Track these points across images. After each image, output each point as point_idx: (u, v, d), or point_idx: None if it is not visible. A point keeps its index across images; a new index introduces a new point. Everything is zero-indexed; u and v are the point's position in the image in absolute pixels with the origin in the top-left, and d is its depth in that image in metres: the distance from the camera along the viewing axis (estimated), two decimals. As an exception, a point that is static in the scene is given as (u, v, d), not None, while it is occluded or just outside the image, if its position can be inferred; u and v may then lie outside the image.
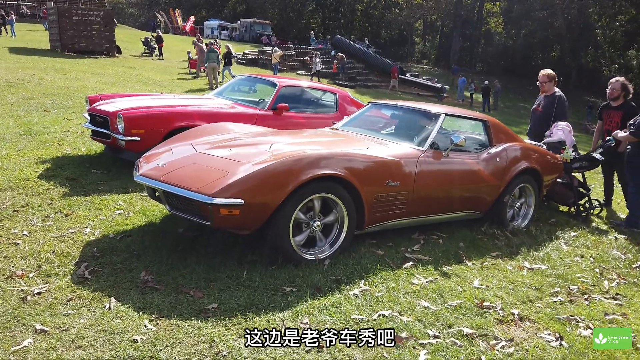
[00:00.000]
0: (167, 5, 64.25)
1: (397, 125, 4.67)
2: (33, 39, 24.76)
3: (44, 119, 8.20)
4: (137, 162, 3.90)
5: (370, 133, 4.50)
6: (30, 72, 13.94)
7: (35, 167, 5.38)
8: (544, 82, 5.80)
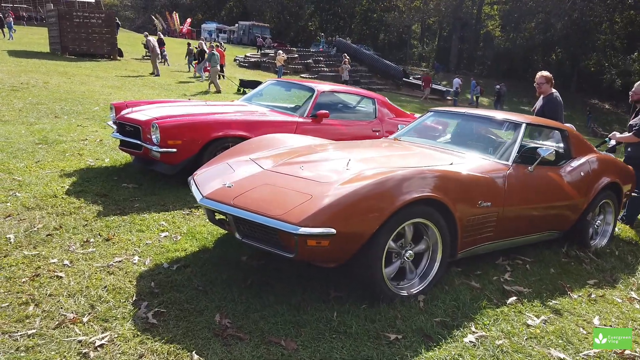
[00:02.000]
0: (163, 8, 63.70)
1: (468, 136, 4.23)
2: (31, 41, 24.17)
3: (56, 126, 7.70)
4: (191, 180, 3.44)
5: (440, 145, 4.06)
6: (33, 75, 13.40)
7: (61, 182, 4.89)
8: (541, 84, 5.67)
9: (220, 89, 15.79)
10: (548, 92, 5.66)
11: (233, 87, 17.23)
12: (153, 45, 18.41)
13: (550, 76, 5.72)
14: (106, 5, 60.46)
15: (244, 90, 15.97)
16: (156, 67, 17.80)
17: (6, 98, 9.83)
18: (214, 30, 51.11)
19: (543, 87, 5.67)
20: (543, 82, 5.66)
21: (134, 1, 78.72)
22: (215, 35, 48.71)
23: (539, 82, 5.70)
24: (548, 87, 5.66)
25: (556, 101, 5.58)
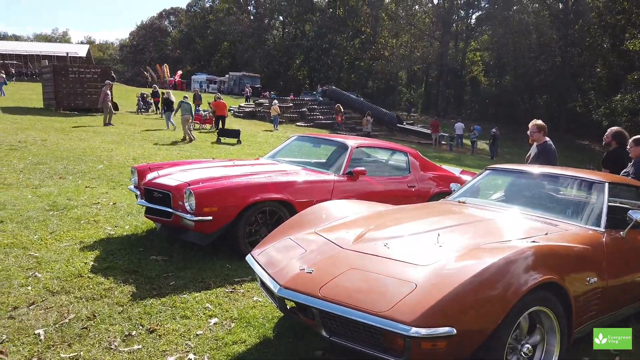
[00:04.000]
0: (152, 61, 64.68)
1: (540, 198, 3.89)
2: (24, 97, 23.92)
3: (64, 189, 7.23)
4: (252, 260, 3.01)
5: (515, 208, 3.69)
6: (30, 133, 13.00)
7: (83, 257, 4.40)
8: (534, 132, 5.71)
9: (193, 138, 15.27)
10: (541, 140, 5.69)
11: (213, 136, 17.01)
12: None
13: (543, 125, 5.75)
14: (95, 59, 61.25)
15: (219, 139, 15.80)
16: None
17: (5, 158, 9.37)
18: (205, 81, 51.72)
19: (535, 136, 5.68)
20: (536, 131, 5.69)
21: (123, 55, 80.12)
22: (206, 86, 49.25)
23: (532, 131, 5.73)
24: (541, 135, 5.69)
25: (550, 149, 5.60)
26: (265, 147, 15.52)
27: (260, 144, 16.96)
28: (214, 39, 66.81)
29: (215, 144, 15.44)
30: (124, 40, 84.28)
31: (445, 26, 46.22)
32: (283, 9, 61.43)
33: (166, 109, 18.25)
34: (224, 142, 15.80)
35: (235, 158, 8.61)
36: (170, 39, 75.81)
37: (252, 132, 20.78)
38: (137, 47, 75.68)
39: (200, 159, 7.84)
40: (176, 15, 77.37)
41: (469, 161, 22.13)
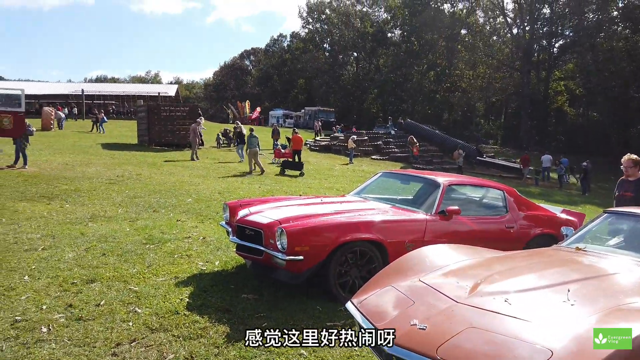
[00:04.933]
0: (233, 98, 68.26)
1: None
2: (120, 134, 26.01)
3: (157, 222, 7.57)
4: (353, 308, 2.84)
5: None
6: (127, 168, 13.97)
7: (178, 293, 4.47)
8: (629, 167, 5.45)
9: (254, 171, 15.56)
10: (636, 175, 5.40)
11: (276, 168, 17.25)
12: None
13: (638, 159, 5.44)
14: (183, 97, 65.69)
15: (284, 171, 16.19)
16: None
17: (106, 192, 10.07)
18: (281, 116, 53.52)
19: (630, 171, 5.44)
20: (631, 166, 5.44)
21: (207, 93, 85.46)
22: (282, 121, 50.83)
23: (626, 166, 5.46)
24: (636, 170, 5.40)
25: None
26: (342, 181, 15.53)
27: (337, 177, 16.99)
28: (291, 76, 69.47)
29: (279, 175, 15.76)
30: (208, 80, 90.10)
31: (526, 56, 44.54)
32: (357, 45, 62.71)
33: (239, 141, 19.17)
34: (288, 174, 16.11)
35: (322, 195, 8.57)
36: (250, 77, 79.95)
37: (328, 166, 20.96)
38: (220, 85, 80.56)
39: (289, 196, 7.90)
40: (256, 55, 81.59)
41: (558, 197, 20.68)
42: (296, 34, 73.26)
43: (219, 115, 56.16)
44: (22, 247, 5.76)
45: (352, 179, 16.09)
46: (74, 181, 10.89)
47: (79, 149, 18.32)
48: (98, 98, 46.18)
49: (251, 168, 15.60)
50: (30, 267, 5.02)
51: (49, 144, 18.79)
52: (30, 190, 9.62)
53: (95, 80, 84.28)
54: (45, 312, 3.89)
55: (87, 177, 11.59)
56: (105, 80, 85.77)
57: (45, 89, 46.80)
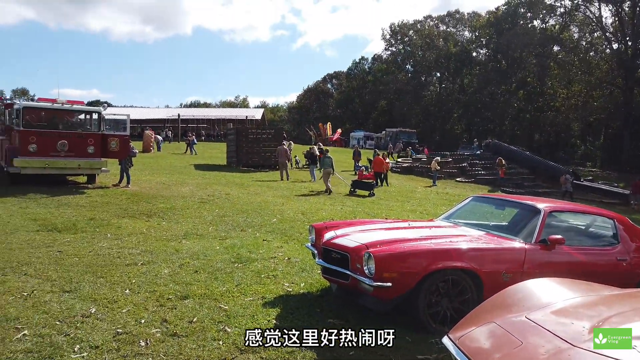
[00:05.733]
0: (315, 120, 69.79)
1: None
2: (211, 155, 27.51)
3: (245, 241, 7.78)
4: (451, 345, 2.64)
5: None
6: (216, 187, 14.65)
7: (265, 313, 4.50)
8: None
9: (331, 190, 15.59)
10: None
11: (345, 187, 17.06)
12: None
13: None
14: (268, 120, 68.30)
15: (354, 190, 16.16)
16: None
17: (197, 210, 10.60)
18: (362, 137, 53.67)
19: None
20: None
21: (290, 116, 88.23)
22: (363, 142, 50.90)
23: None
24: None
25: None
26: (425, 204, 15.07)
27: (420, 200, 16.51)
28: (372, 98, 69.77)
29: (348, 195, 15.64)
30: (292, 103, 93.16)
31: (629, 72, 40.97)
32: (440, 65, 61.68)
33: (310, 162, 19.67)
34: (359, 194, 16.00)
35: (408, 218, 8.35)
36: (331, 99, 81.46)
37: (410, 188, 20.49)
38: (303, 108, 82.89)
39: (374, 219, 7.79)
40: (337, 78, 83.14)
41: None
42: (378, 56, 73.81)
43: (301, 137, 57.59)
44: (124, 261, 6.17)
45: (436, 202, 15.58)
46: (170, 200, 11.60)
47: (174, 169, 19.60)
48: (191, 122, 49.47)
49: (328, 187, 15.76)
50: (131, 281, 5.34)
51: (149, 164, 20.31)
52: (132, 207, 10.39)
53: (189, 106, 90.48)
54: (144, 326, 4.08)
55: (181, 196, 12.30)
56: (198, 105, 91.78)
57: (146, 114, 51.01)
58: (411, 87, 63.11)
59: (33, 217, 8.80)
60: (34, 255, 6.24)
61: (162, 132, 39.13)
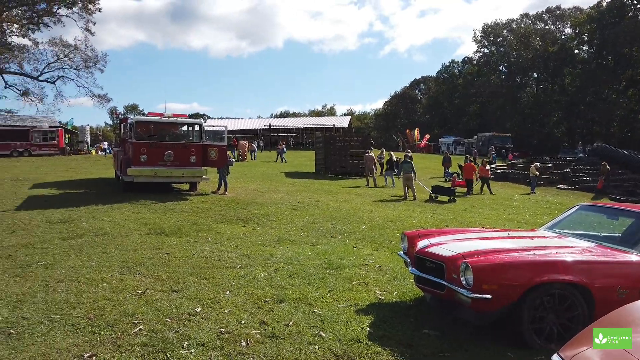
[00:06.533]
0: (402, 126, 68.93)
1: None
2: (300, 163, 28.26)
3: (335, 247, 7.88)
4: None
5: None
6: (306, 194, 15.01)
7: (359, 320, 4.52)
8: None
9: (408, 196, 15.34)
10: None
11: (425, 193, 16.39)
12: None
13: None
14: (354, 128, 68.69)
15: (436, 196, 15.67)
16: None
17: (289, 217, 10.94)
18: (452, 143, 52.02)
19: None
20: None
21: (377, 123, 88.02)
22: (453, 148, 49.29)
23: None
24: None
25: None
26: (523, 212, 14.18)
27: (517, 208, 15.57)
28: (462, 102, 67.42)
29: (426, 202, 15.14)
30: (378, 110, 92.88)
31: None
32: (537, 65, 57.95)
33: (388, 167, 19.73)
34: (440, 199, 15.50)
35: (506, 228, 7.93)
36: (419, 105, 80.00)
37: (506, 195, 19.41)
38: (390, 114, 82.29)
39: (470, 228, 7.51)
40: (426, 83, 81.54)
41: None
42: (469, 58, 71.22)
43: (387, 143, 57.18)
44: (224, 264, 6.54)
45: (535, 211, 14.60)
46: (264, 206, 12.09)
47: (266, 177, 20.42)
48: (282, 131, 51.24)
49: (406, 194, 15.52)
50: (231, 283, 5.64)
51: (243, 172, 21.35)
52: (229, 213, 10.99)
53: (279, 116, 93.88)
54: (244, 326, 4.29)
55: (273, 203, 12.78)
56: (288, 115, 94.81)
57: (240, 125, 53.80)
58: (505, 89, 59.99)
59: (144, 221, 9.65)
60: (145, 257, 6.83)
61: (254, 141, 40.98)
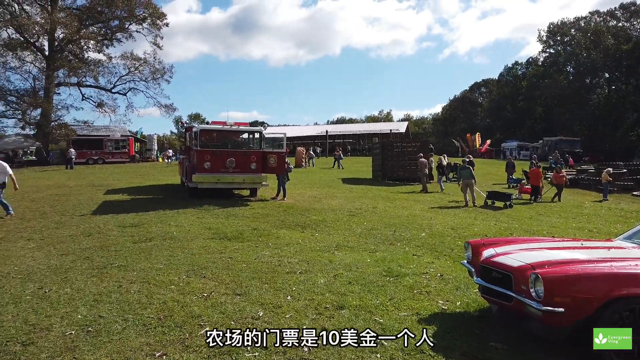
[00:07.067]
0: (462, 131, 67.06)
1: None
2: (357, 169, 28.24)
3: (395, 255, 7.78)
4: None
5: None
6: (363, 201, 14.95)
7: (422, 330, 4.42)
8: None
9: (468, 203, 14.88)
10: None
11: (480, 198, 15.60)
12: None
13: None
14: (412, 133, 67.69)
15: (492, 201, 15.19)
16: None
17: (347, 223, 10.93)
18: (515, 147, 50.01)
19: None
20: None
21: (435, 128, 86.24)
22: (517, 153, 47.38)
23: None
24: None
25: None
26: (594, 221, 13.34)
27: (588, 216, 14.68)
28: (526, 105, 64.62)
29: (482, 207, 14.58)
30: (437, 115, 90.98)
31: None
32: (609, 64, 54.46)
33: (439, 172, 19.50)
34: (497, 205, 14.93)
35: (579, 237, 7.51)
36: (480, 109, 77.53)
37: (575, 202, 18.34)
38: (448, 119, 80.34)
39: (538, 237, 7.18)
40: (487, 86, 78.93)
41: None
42: (534, 59, 68.25)
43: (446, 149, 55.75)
44: (284, 269, 6.64)
45: (608, 219, 13.69)
46: (321, 212, 12.18)
47: (323, 183, 20.56)
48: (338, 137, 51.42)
49: (466, 200, 15.09)
50: (291, 288, 5.72)
51: (301, 179, 21.62)
52: (288, 219, 11.16)
53: (336, 122, 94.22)
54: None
55: (331, 209, 12.83)
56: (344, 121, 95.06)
57: (297, 132, 54.57)
58: (573, 91, 56.85)
59: (208, 226, 10.00)
60: (210, 260, 7.07)
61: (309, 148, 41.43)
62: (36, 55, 36.60)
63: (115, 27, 39.56)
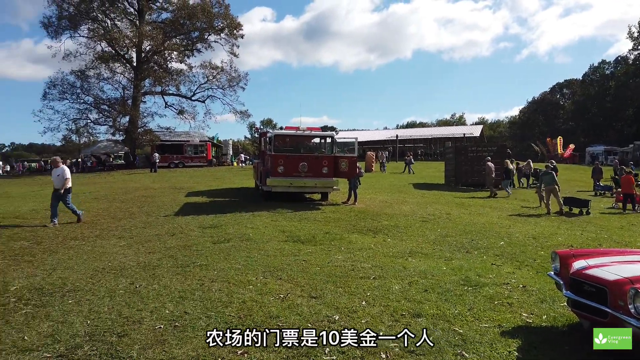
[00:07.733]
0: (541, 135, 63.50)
1: None
2: (428, 174, 27.64)
3: (472, 264, 7.50)
4: None
5: None
6: (436, 207, 14.58)
7: (505, 344, 4.22)
8: None
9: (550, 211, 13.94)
10: None
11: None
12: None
13: None
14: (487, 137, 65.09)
15: (570, 208, 14.50)
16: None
17: (420, 229, 10.71)
18: (602, 152, 46.61)
19: None
20: None
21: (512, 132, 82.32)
22: (603, 158, 44.12)
23: None
24: None
25: None
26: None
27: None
28: (614, 106, 59.99)
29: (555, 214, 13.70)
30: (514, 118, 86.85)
31: None
32: None
33: (505, 177, 18.99)
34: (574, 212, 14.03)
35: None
36: (562, 111, 73.02)
37: (674, 213, 16.68)
38: (526, 122, 76.38)
39: (633, 249, 6.62)
40: (570, 88, 74.18)
41: None
42: (623, 57, 63.22)
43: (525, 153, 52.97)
44: (358, 274, 6.62)
45: None
46: (393, 218, 12.03)
47: (394, 188, 20.31)
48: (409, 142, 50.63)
49: (548, 208, 14.23)
50: (366, 293, 5.69)
51: (371, 184, 21.52)
52: (359, 224, 11.14)
53: (406, 126, 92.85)
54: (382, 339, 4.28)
55: (403, 215, 12.64)
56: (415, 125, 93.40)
57: (367, 137, 54.43)
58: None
59: (281, 229, 10.24)
60: (284, 262, 7.23)
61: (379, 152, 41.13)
62: (125, 67, 39.55)
63: (196, 38, 41.76)
